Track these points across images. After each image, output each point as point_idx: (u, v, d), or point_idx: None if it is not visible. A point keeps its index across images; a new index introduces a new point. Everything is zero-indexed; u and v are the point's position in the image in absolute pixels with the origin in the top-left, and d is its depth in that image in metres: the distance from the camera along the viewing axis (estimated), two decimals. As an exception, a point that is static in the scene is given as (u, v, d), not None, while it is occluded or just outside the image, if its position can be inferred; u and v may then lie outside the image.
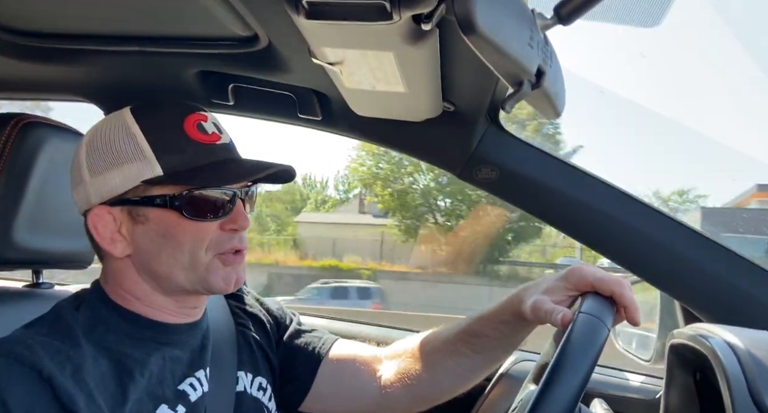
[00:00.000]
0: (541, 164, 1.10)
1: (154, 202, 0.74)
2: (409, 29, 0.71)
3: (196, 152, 0.76)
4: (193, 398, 0.78)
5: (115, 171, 0.75)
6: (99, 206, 0.76)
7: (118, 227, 0.76)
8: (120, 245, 0.76)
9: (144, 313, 0.79)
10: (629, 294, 0.74)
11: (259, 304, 1.03)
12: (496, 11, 0.51)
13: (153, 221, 0.75)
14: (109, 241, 0.76)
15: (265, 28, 0.88)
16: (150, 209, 0.75)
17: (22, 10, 0.94)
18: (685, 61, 35.89)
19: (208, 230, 0.76)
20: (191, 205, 0.75)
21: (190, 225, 0.75)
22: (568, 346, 0.64)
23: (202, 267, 0.76)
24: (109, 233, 0.76)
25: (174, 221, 0.75)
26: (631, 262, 1.07)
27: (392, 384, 0.94)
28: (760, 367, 0.63)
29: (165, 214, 0.75)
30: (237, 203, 0.78)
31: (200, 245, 0.76)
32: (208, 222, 0.76)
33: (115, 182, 0.75)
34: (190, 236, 0.75)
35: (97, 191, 0.76)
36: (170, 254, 0.75)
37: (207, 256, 0.76)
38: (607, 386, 1.26)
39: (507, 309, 0.87)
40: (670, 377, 0.84)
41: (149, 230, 0.76)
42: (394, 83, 0.88)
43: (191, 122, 0.77)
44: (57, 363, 0.65)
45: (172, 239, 0.75)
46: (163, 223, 0.75)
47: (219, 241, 0.77)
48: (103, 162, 0.76)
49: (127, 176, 0.74)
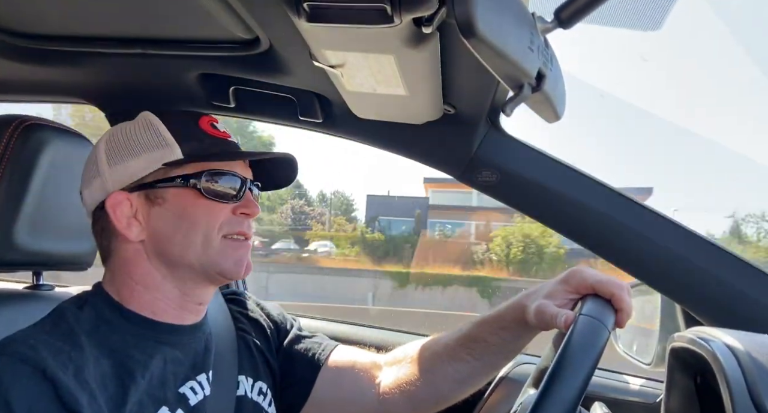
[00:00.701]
0: (542, 167, 1.10)
1: (174, 182, 0.80)
2: (409, 32, 0.71)
3: (212, 143, 0.83)
4: (193, 401, 0.78)
5: (136, 159, 0.80)
6: (117, 192, 0.80)
7: (134, 213, 0.80)
8: (135, 230, 0.80)
9: (148, 312, 0.79)
10: (627, 298, 0.74)
11: (260, 309, 1.03)
12: (496, 15, 0.51)
13: (170, 202, 0.80)
14: (125, 225, 0.79)
15: (266, 31, 0.89)
16: (168, 190, 0.80)
17: (24, 13, 0.95)
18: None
19: (222, 212, 0.81)
20: (208, 186, 0.80)
21: (205, 205, 0.80)
22: (569, 348, 0.64)
23: (214, 250, 0.80)
24: (126, 218, 0.80)
25: (191, 200, 0.80)
26: (631, 265, 1.07)
27: (391, 390, 0.94)
28: (760, 371, 0.63)
29: (183, 193, 0.80)
30: (247, 192, 0.84)
31: (214, 224, 0.80)
32: (223, 204, 0.81)
33: (136, 168, 0.80)
34: (205, 216, 0.80)
35: (116, 178, 0.80)
36: (185, 235, 0.79)
37: (218, 237, 0.81)
38: (607, 389, 1.26)
39: (508, 315, 0.87)
40: (671, 380, 0.83)
41: (166, 211, 0.80)
42: (395, 86, 0.89)
43: (205, 121, 0.85)
44: (60, 363, 0.65)
45: (187, 218, 0.79)
46: (181, 203, 0.80)
47: (230, 223, 0.82)
48: (124, 152, 0.81)
49: (149, 161, 0.80)
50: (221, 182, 0.81)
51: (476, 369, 0.91)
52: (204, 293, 0.85)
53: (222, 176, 0.81)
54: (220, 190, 0.81)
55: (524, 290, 0.88)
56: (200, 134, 0.83)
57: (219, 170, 0.81)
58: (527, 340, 0.89)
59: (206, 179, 0.80)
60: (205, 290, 0.84)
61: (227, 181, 0.82)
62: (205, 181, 0.80)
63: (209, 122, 0.85)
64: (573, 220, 1.09)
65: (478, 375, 0.93)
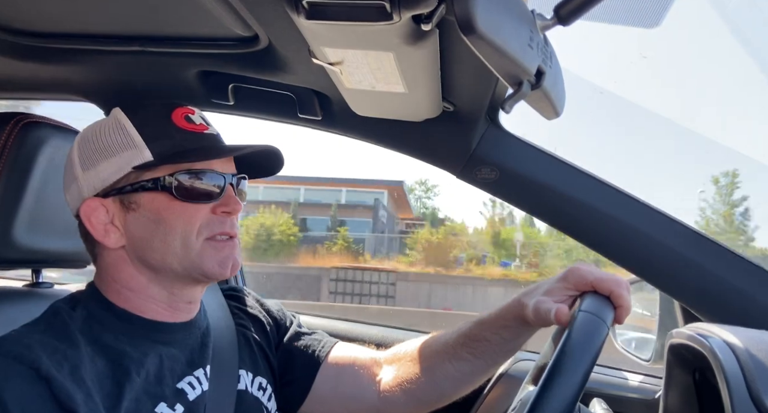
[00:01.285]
0: (541, 164, 1.10)
1: (145, 186, 0.76)
2: (409, 30, 0.71)
3: (184, 139, 0.78)
4: (192, 396, 0.78)
5: (106, 162, 0.76)
6: (91, 198, 0.77)
7: (111, 219, 0.77)
8: (113, 236, 0.77)
9: (139, 312, 0.79)
10: (626, 294, 0.74)
11: (260, 305, 1.03)
12: (495, 12, 0.51)
13: (144, 207, 0.77)
14: (102, 232, 0.77)
15: (265, 29, 0.88)
16: (141, 195, 0.76)
17: (24, 11, 0.94)
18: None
19: (199, 213, 0.77)
20: (181, 187, 0.76)
21: (180, 207, 0.76)
22: (568, 344, 0.64)
23: (194, 252, 0.77)
24: (102, 225, 0.77)
25: (165, 204, 0.76)
26: (630, 262, 1.07)
27: (391, 387, 0.94)
28: (759, 367, 0.63)
29: (156, 197, 0.76)
30: (228, 188, 0.80)
31: (191, 228, 0.77)
32: (199, 205, 0.77)
33: (107, 173, 0.76)
34: (181, 219, 0.76)
35: (90, 184, 0.77)
36: (162, 240, 0.76)
37: (198, 241, 0.77)
38: (606, 385, 1.26)
39: (508, 314, 0.87)
40: (670, 377, 0.84)
41: (141, 217, 0.77)
42: (394, 83, 0.89)
43: (179, 114, 0.80)
44: (55, 361, 0.65)
45: (163, 223, 0.76)
46: (154, 207, 0.76)
47: (210, 224, 0.78)
48: (94, 156, 0.77)
49: (119, 165, 0.76)
50: (198, 182, 0.77)
51: (476, 367, 0.91)
52: (192, 292, 0.83)
53: (198, 175, 0.77)
54: (197, 190, 0.77)
55: (523, 288, 0.89)
56: (172, 130, 0.78)
57: (193, 169, 0.77)
58: (526, 338, 0.89)
59: (179, 180, 0.76)
60: (193, 289, 0.83)
61: (204, 180, 0.77)
62: (178, 182, 0.76)
63: (183, 114, 0.80)
64: (572, 217, 1.09)
65: (478, 373, 0.93)
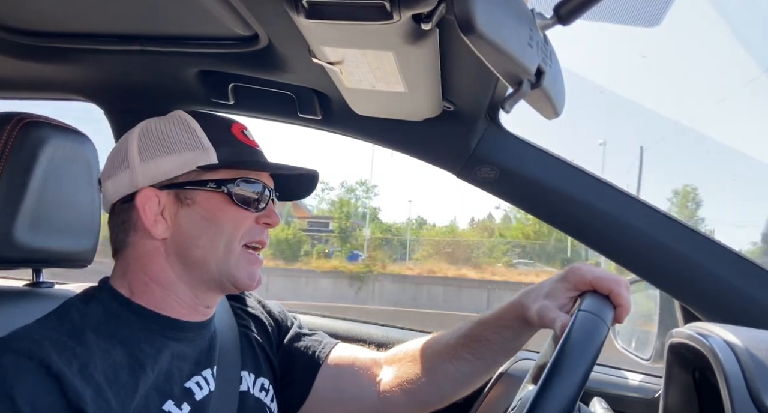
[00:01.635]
0: (541, 164, 1.10)
1: (206, 185, 0.80)
2: (409, 29, 0.71)
3: (243, 150, 0.85)
4: (199, 396, 0.79)
5: (169, 157, 0.80)
6: (148, 188, 0.80)
7: (161, 210, 0.80)
8: (161, 227, 0.80)
9: (158, 308, 0.80)
10: (625, 293, 0.75)
11: (261, 306, 1.04)
12: (495, 11, 0.51)
13: (200, 205, 0.80)
14: (152, 221, 0.80)
15: (265, 28, 0.88)
16: (199, 193, 0.81)
17: (24, 10, 0.94)
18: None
19: (246, 220, 0.82)
20: (239, 192, 0.81)
21: (233, 211, 0.81)
22: (568, 343, 0.64)
23: (233, 257, 0.81)
24: (153, 214, 0.80)
25: (220, 205, 0.81)
26: (630, 261, 1.07)
27: (392, 388, 0.94)
28: (759, 366, 0.63)
29: (214, 197, 0.81)
30: (270, 202, 0.85)
31: (237, 232, 0.81)
32: (248, 212, 0.82)
33: (169, 167, 0.80)
34: (231, 222, 0.81)
35: (148, 174, 0.80)
36: (210, 238, 0.80)
37: (239, 245, 0.82)
38: (606, 385, 1.26)
39: (509, 314, 0.87)
40: (670, 376, 0.84)
41: (194, 213, 0.80)
42: (394, 83, 0.89)
43: (237, 128, 0.86)
44: (64, 358, 0.66)
45: (215, 222, 0.80)
46: (210, 206, 0.80)
47: (252, 232, 0.83)
48: (158, 148, 0.81)
49: (184, 162, 0.80)
50: (251, 190, 0.83)
51: (477, 368, 0.91)
52: (214, 297, 0.86)
53: (250, 184, 0.83)
54: (248, 198, 0.82)
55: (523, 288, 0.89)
56: (233, 141, 0.84)
57: (250, 178, 0.82)
58: (527, 338, 0.89)
59: (237, 186, 0.81)
60: (216, 295, 0.85)
61: (254, 189, 0.83)
62: (236, 188, 0.81)
63: (241, 129, 0.86)
64: (572, 216, 1.09)
65: (478, 374, 0.93)
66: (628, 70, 41.92)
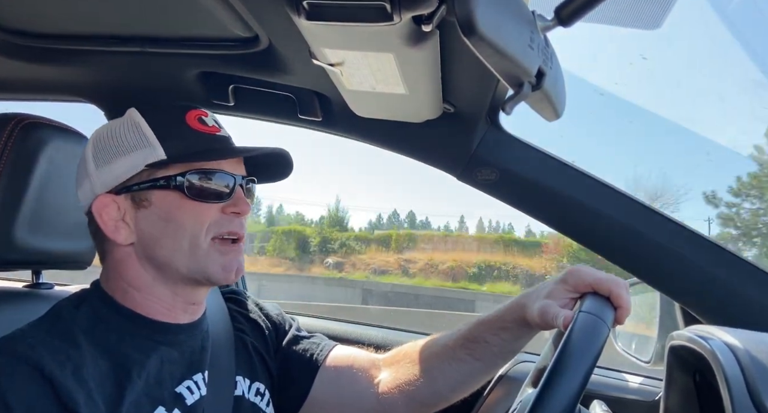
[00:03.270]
0: (542, 166, 1.10)
1: (158, 184, 0.77)
2: (409, 30, 0.71)
3: (197, 140, 0.80)
4: (190, 401, 0.78)
5: (120, 160, 0.78)
6: (104, 194, 0.79)
7: (122, 215, 0.79)
8: (123, 232, 0.78)
9: (144, 311, 0.79)
10: (625, 295, 0.75)
11: (259, 309, 1.03)
12: (496, 13, 0.51)
13: (155, 205, 0.78)
14: (113, 228, 0.78)
15: (265, 29, 0.89)
16: (153, 192, 0.78)
17: (24, 11, 0.95)
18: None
19: (209, 212, 0.79)
20: (193, 186, 0.78)
21: (191, 206, 0.77)
22: (568, 345, 0.64)
23: (201, 253, 0.78)
24: (113, 221, 0.78)
25: (176, 202, 0.78)
26: (630, 263, 1.07)
27: (390, 390, 0.94)
28: (759, 369, 0.63)
29: (168, 195, 0.78)
30: (237, 189, 0.81)
31: (200, 227, 0.78)
32: (209, 204, 0.79)
33: (121, 170, 0.78)
34: (191, 218, 0.77)
35: (103, 181, 0.79)
36: (171, 238, 0.77)
37: (206, 240, 0.78)
38: (606, 387, 1.26)
39: (509, 316, 0.87)
40: (670, 378, 0.83)
41: (152, 214, 0.78)
42: (395, 85, 0.89)
43: (192, 116, 0.81)
44: (58, 362, 0.65)
45: (173, 221, 0.77)
46: (165, 205, 0.78)
47: (219, 223, 0.79)
48: (109, 153, 0.79)
49: (132, 163, 0.78)
50: (208, 181, 0.78)
51: (476, 370, 0.91)
52: (196, 294, 0.83)
53: (209, 175, 0.78)
54: (207, 190, 0.78)
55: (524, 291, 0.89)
56: (185, 131, 0.80)
57: (205, 168, 0.78)
58: (527, 340, 0.89)
59: (191, 180, 0.77)
60: (196, 291, 0.83)
61: (215, 180, 0.79)
62: (190, 181, 0.77)
63: (197, 116, 0.81)
64: (573, 218, 1.09)
65: (477, 376, 0.93)
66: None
